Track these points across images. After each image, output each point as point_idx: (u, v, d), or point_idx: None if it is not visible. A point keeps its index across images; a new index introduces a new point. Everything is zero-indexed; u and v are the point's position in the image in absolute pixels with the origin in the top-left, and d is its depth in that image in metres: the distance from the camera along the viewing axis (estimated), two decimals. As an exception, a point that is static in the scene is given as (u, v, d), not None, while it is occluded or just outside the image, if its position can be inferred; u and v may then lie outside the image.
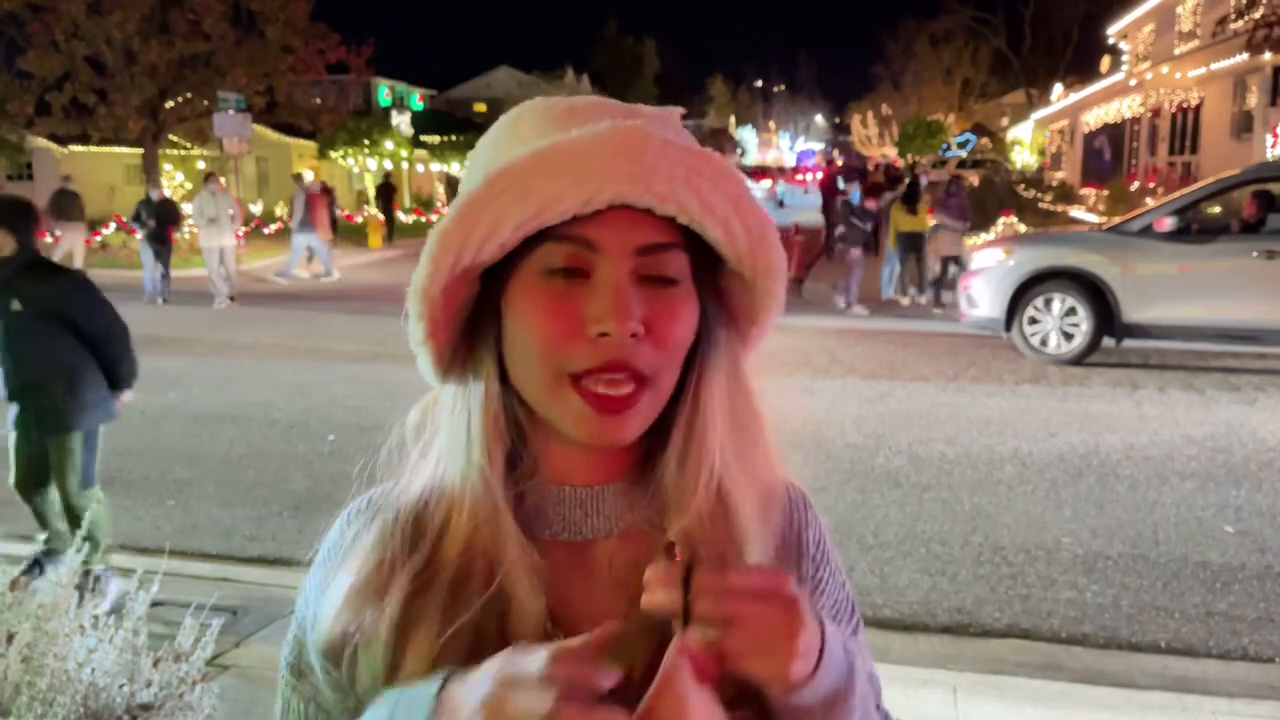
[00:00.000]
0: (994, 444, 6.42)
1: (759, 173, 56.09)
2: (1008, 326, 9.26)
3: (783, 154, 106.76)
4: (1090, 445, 6.39)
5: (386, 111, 38.49)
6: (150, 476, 5.81)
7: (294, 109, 24.66)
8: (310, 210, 15.71)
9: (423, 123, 39.64)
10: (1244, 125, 19.76)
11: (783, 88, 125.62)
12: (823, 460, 6.04)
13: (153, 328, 10.75)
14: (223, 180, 14.88)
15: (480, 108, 55.45)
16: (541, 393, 0.73)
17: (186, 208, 16.46)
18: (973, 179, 25.26)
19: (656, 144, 0.69)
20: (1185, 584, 4.31)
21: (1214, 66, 19.62)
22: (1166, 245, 8.73)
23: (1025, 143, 42.19)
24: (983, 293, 9.40)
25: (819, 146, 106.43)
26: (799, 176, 62.90)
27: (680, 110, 0.80)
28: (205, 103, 21.54)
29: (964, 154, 41.15)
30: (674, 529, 0.75)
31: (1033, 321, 9.17)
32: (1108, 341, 9.12)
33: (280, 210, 28.03)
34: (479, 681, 0.62)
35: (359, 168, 34.52)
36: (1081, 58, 42.53)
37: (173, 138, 24.61)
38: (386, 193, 24.55)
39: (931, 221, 12.92)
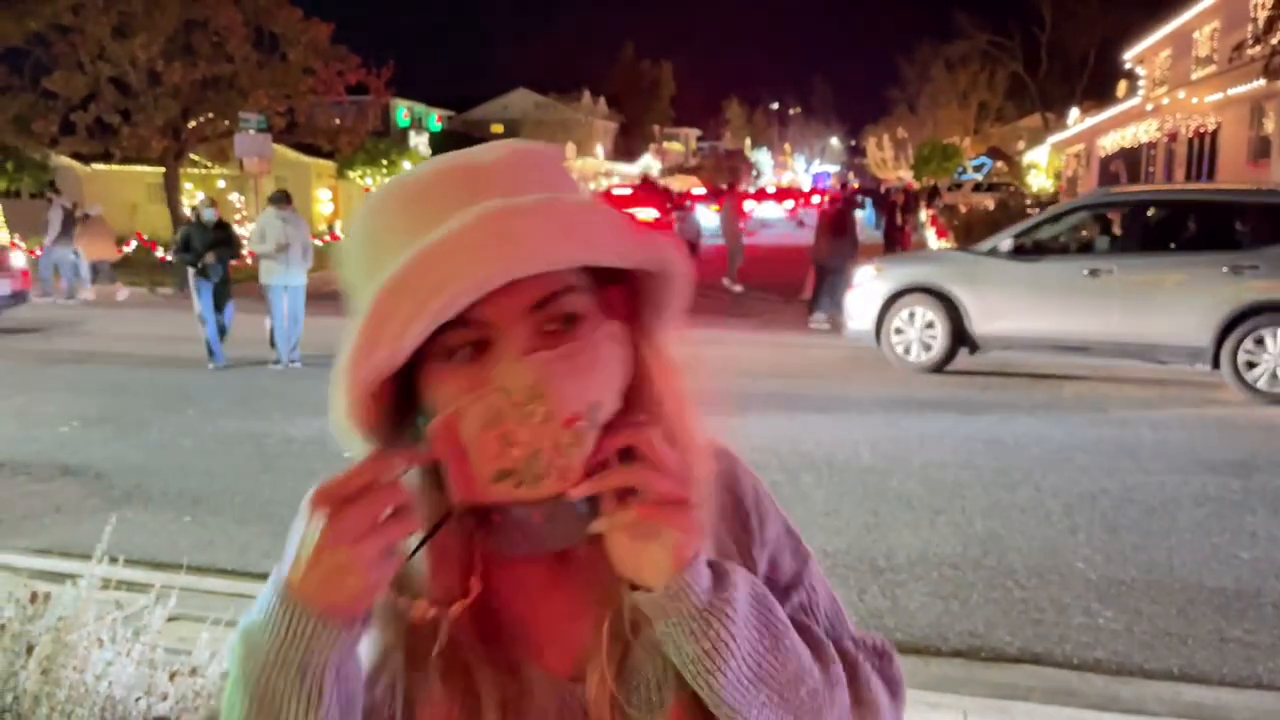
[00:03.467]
0: (1007, 466, 6.41)
1: (782, 194, 56.24)
2: (877, 338, 10.03)
3: (798, 176, 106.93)
4: (1105, 469, 6.37)
5: (405, 132, 38.85)
6: (167, 492, 5.86)
7: (314, 129, 24.95)
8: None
9: (440, 143, 39.99)
10: (1261, 150, 19.72)
11: (799, 110, 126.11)
12: (836, 482, 6.05)
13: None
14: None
15: (498, 129, 55.90)
16: (491, 487, 0.73)
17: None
18: (988, 202, 25.26)
19: (528, 217, 0.68)
20: (1200, 610, 4.29)
21: (1231, 92, 19.61)
22: (1008, 264, 9.57)
23: (1041, 167, 42.18)
24: (858, 307, 10.23)
25: (834, 169, 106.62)
26: (815, 199, 63.02)
27: (535, 146, 0.78)
28: (226, 122, 21.83)
29: (979, 177, 41.12)
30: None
31: (898, 332, 9.94)
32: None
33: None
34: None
35: (376, 187, 34.78)
36: (1098, 82, 42.58)
37: (194, 156, 24.91)
38: None
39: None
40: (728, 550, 0.81)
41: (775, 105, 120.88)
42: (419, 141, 36.52)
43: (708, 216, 34.99)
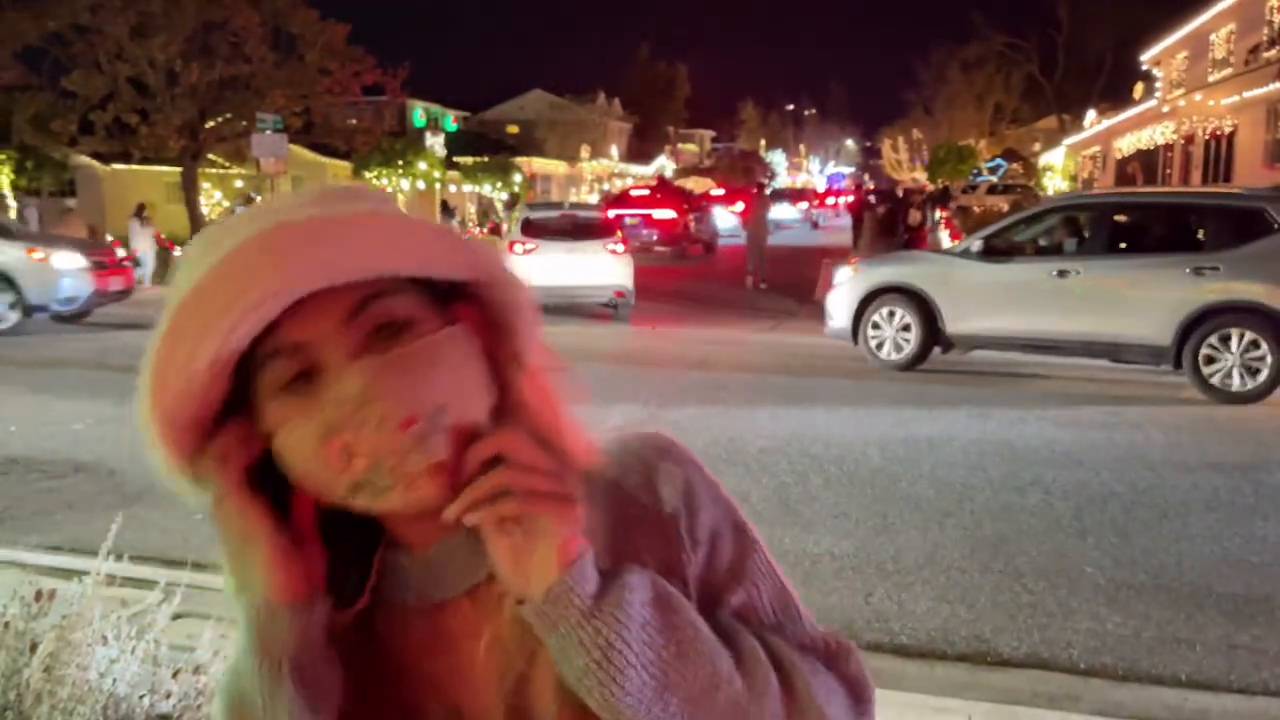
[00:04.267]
0: (1018, 469, 6.39)
1: (795, 196, 56.20)
2: (854, 336, 10.24)
3: (813, 178, 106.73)
4: (1116, 471, 6.34)
5: (421, 132, 38.97)
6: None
7: (330, 129, 25.07)
8: None
9: (456, 144, 40.10)
10: (1277, 153, 19.57)
11: (814, 112, 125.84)
12: (845, 484, 6.03)
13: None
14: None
15: (513, 130, 55.97)
16: (350, 503, 0.71)
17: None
18: (1003, 204, 25.17)
19: (311, 229, 0.66)
20: (1208, 615, 4.26)
21: (1247, 94, 19.48)
22: (980, 265, 9.80)
23: (1057, 168, 41.97)
24: (836, 306, 10.51)
25: (849, 170, 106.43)
26: (829, 200, 62.95)
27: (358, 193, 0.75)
28: (245, 123, 21.96)
29: (994, 179, 40.95)
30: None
31: (875, 327, 10.18)
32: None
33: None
34: None
35: (392, 188, 34.93)
36: (1115, 84, 42.35)
37: (211, 156, 25.08)
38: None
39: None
40: (640, 564, 0.74)
41: (790, 106, 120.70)
42: (434, 142, 36.60)
43: (725, 217, 35.02)
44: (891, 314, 10.09)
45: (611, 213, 19.20)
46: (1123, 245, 9.57)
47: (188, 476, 0.73)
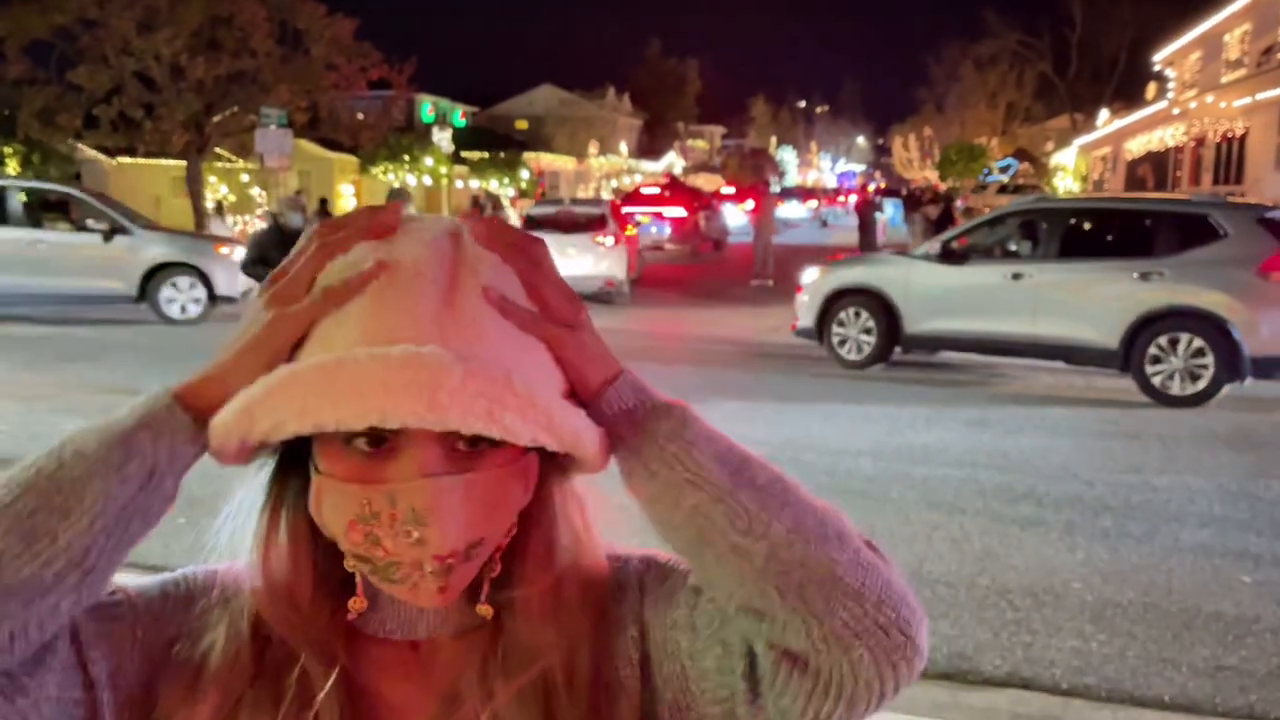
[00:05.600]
0: (1010, 480, 6.32)
1: (805, 194, 56.08)
2: (819, 336, 10.47)
3: (823, 175, 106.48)
4: (1110, 484, 6.26)
5: (428, 128, 38.96)
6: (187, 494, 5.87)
7: (336, 124, 25.07)
8: None
9: (464, 139, 40.06)
10: (1290, 156, 19.40)
11: (825, 109, 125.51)
12: (835, 493, 5.98)
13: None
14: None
15: (522, 125, 55.96)
16: (349, 560, 0.73)
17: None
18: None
19: (455, 379, 0.64)
20: (1196, 635, 4.20)
21: (1259, 96, 19.32)
22: (940, 267, 10.01)
23: (1068, 169, 41.74)
24: (803, 307, 10.74)
25: (860, 168, 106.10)
26: (840, 198, 62.82)
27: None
28: (251, 117, 21.99)
29: (1005, 179, 40.75)
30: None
31: (840, 326, 10.42)
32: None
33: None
34: None
35: (399, 183, 34.95)
36: (1128, 84, 42.06)
37: (217, 150, 25.12)
38: None
39: None
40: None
41: (801, 103, 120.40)
42: (442, 137, 36.58)
43: (735, 215, 35.00)
44: (856, 314, 10.31)
45: (624, 210, 19.91)
46: (1075, 250, 9.74)
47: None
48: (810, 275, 10.94)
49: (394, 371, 0.63)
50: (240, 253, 13.10)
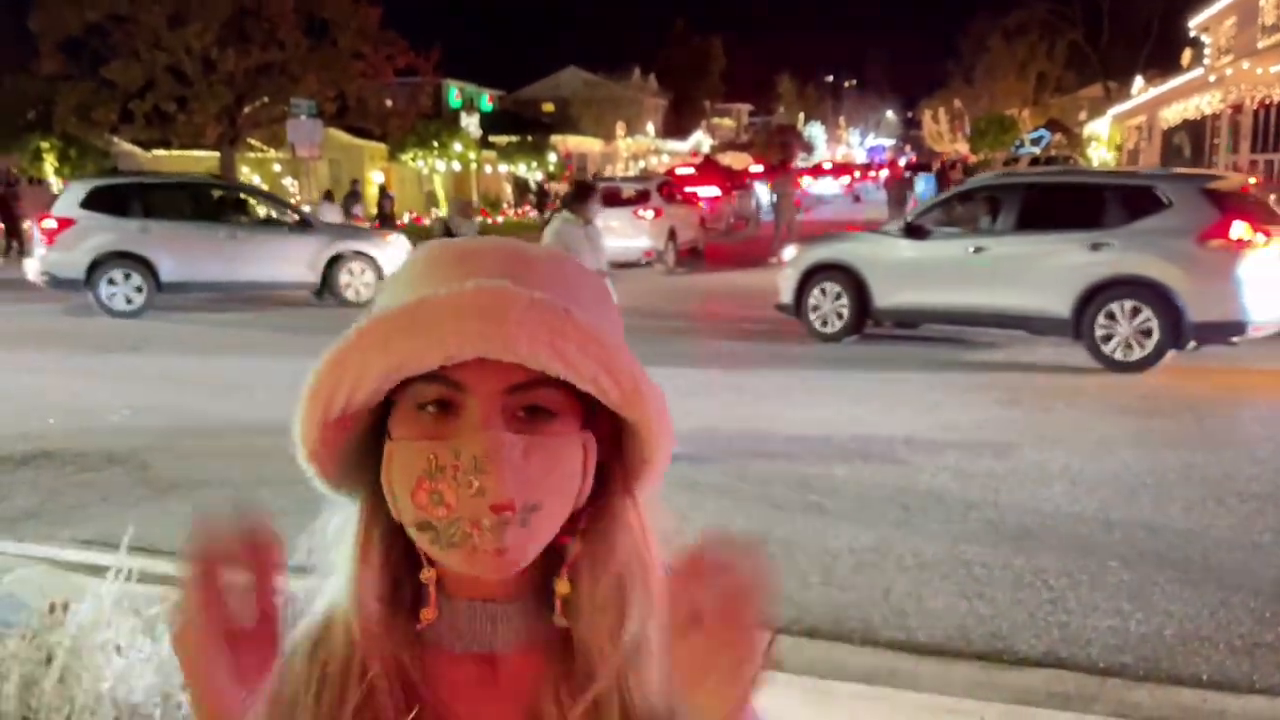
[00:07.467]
0: (1045, 459, 6.31)
1: (839, 169, 55.70)
2: (797, 311, 10.87)
3: (852, 150, 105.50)
4: (1147, 463, 6.24)
5: (456, 113, 39.04)
6: (210, 482, 6.00)
7: (365, 112, 25.23)
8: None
9: (491, 124, 40.11)
10: (1330, 122, 18.99)
11: (853, 83, 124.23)
12: (868, 475, 6.01)
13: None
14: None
15: (548, 108, 55.90)
16: (414, 534, 0.75)
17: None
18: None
19: (521, 305, 0.70)
20: (1233, 613, 4.20)
21: (1299, 61, 18.89)
22: (907, 242, 10.45)
23: (1102, 139, 41.04)
24: (783, 282, 11.18)
25: (889, 142, 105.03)
26: (871, 173, 62.38)
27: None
28: (281, 108, 22.19)
29: (1036, 151, 40.17)
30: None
31: (815, 307, 10.80)
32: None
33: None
34: None
35: (428, 169, 35.08)
36: (1162, 50, 41.20)
37: (249, 141, 25.35)
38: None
39: None
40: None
41: (829, 78, 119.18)
42: (470, 122, 36.65)
43: (766, 193, 34.99)
44: (829, 289, 10.74)
45: (686, 189, 21.71)
46: (1033, 223, 9.94)
47: (321, 470, 0.79)
48: (790, 252, 11.59)
49: (466, 299, 0.70)
50: (402, 241, 14.45)
